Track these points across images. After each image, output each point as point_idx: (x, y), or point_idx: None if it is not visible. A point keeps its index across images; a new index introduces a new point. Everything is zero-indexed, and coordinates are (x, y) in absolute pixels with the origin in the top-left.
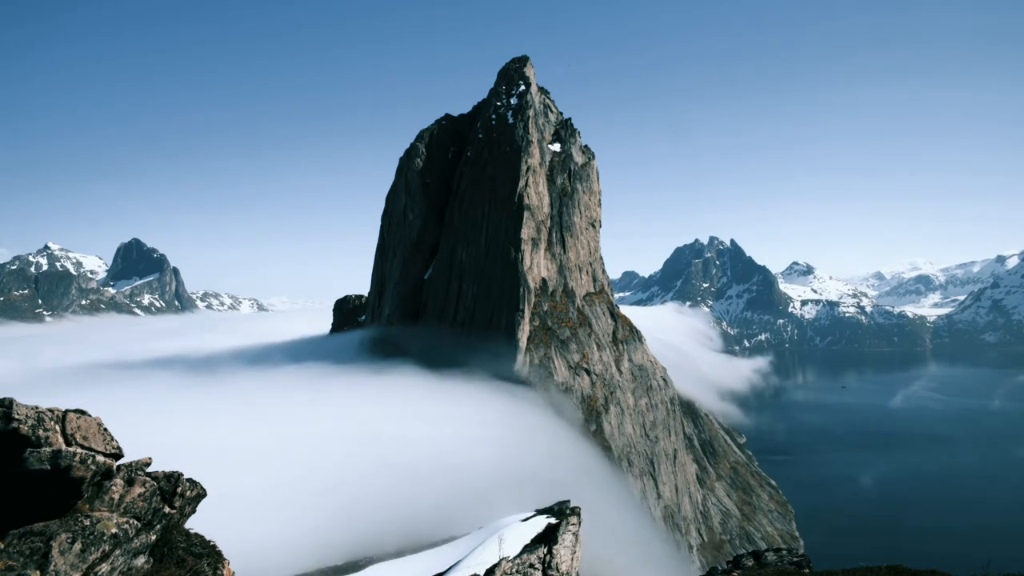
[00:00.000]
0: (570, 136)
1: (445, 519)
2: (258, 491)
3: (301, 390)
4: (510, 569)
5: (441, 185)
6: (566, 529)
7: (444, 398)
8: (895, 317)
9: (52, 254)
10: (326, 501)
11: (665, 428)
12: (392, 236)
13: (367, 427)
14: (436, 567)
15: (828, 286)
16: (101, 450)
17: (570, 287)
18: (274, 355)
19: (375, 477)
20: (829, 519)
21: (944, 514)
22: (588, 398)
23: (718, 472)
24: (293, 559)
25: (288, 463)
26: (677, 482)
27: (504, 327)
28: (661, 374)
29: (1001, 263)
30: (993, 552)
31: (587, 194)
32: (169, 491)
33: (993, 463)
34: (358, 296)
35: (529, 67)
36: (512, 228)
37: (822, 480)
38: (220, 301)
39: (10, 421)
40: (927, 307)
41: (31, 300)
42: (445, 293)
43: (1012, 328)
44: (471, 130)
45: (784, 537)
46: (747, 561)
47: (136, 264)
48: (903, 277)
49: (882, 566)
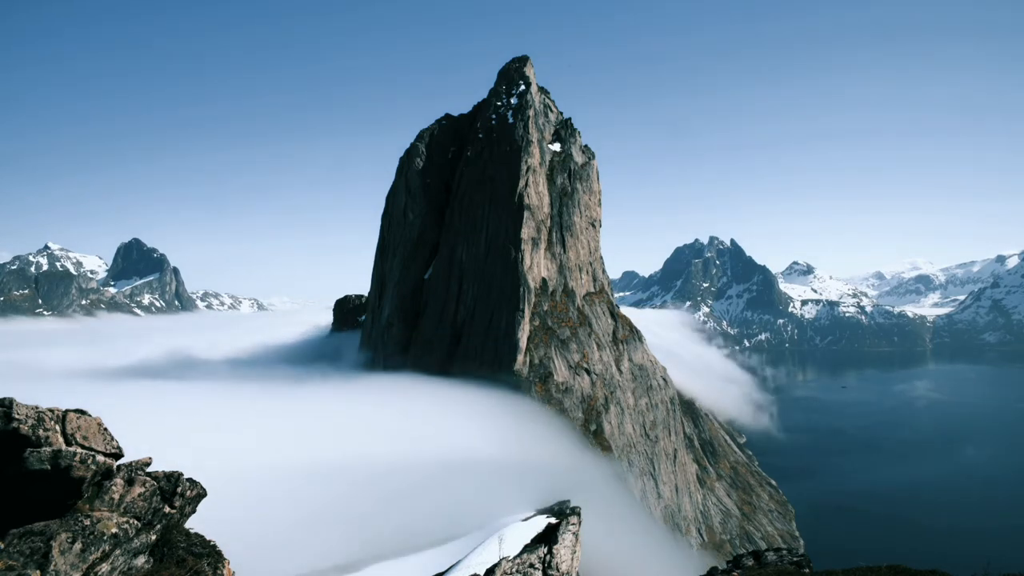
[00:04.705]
0: (570, 136)
1: (445, 519)
2: (258, 491)
3: (301, 390)
4: (510, 569)
5: (441, 185)
6: (566, 529)
7: (444, 398)
8: (895, 317)
9: (52, 254)
10: (326, 501)
11: (665, 428)
12: (392, 236)
13: (367, 427)
14: (436, 567)
15: (828, 286)
16: (101, 450)
17: (570, 287)
18: (274, 355)
19: (375, 477)
20: (829, 519)
21: (944, 514)
22: (588, 398)
23: (718, 472)
24: (293, 559)
25: (288, 463)
26: (677, 482)
27: (504, 327)
28: (661, 374)
29: (1001, 263)
30: (993, 552)
31: (587, 194)
32: (169, 491)
33: (993, 463)
34: (358, 296)
35: (529, 67)
36: (512, 228)
37: (822, 480)
38: (220, 301)
39: (10, 421)
40: (927, 307)
41: (31, 300)
42: (445, 293)
43: (1012, 328)
44: (471, 130)
45: (784, 537)
46: (747, 561)
47: (136, 264)
48: (903, 277)
49: (882, 566)
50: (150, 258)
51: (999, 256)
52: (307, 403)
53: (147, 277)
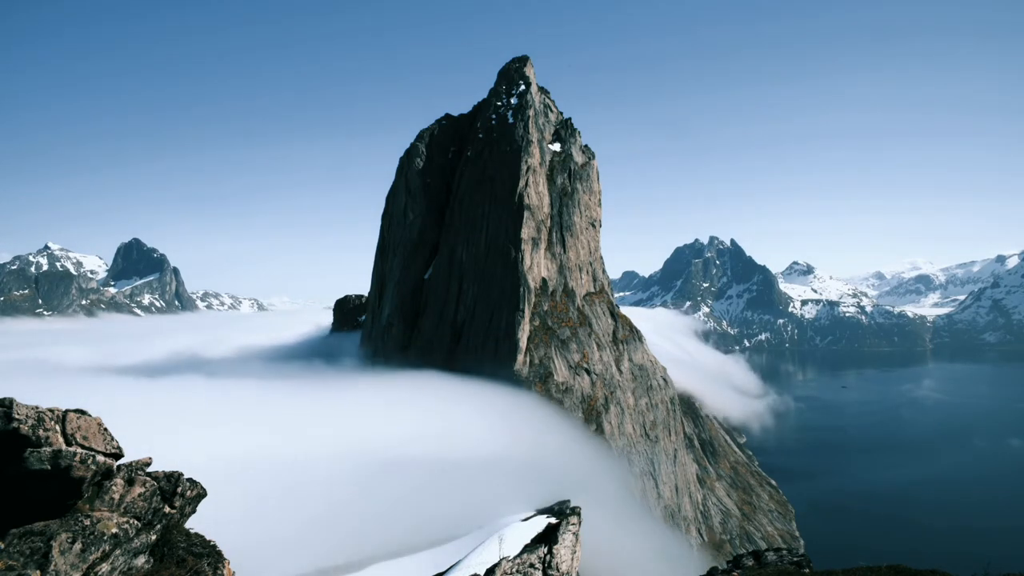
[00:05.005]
0: (570, 136)
1: (445, 519)
2: (258, 491)
3: (301, 390)
4: (510, 569)
5: (441, 185)
6: (566, 529)
7: (444, 398)
8: (895, 317)
9: (52, 254)
10: (326, 501)
11: (665, 428)
12: (392, 236)
13: (366, 427)
14: (436, 567)
15: (828, 286)
16: (101, 450)
17: (570, 287)
18: (274, 355)
19: (375, 477)
20: (829, 519)
21: (945, 514)
22: (588, 398)
23: (718, 472)
24: (293, 559)
25: (288, 463)
26: (677, 482)
27: (504, 327)
28: (661, 374)
29: (1001, 263)
30: (993, 552)
31: (587, 194)
32: (169, 491)
33: (993, 463)
34: (358, 296)
35: (529, 67)
36: (512, 228)
37: (822, 480)
38: (220, 301)
39: (10, 421)
40: (927, 307)
41: (31, 300)
42: (445, 293)
43: (1012, 328)
44: (471, 130)
45: (784, 537)
46: (747, 561)
47: (136, 264)
48: (903, 277)
49: (882, 565)
50: (150, 258)
51: (999, 256)
52: (306, 403)
53: (147, 277)
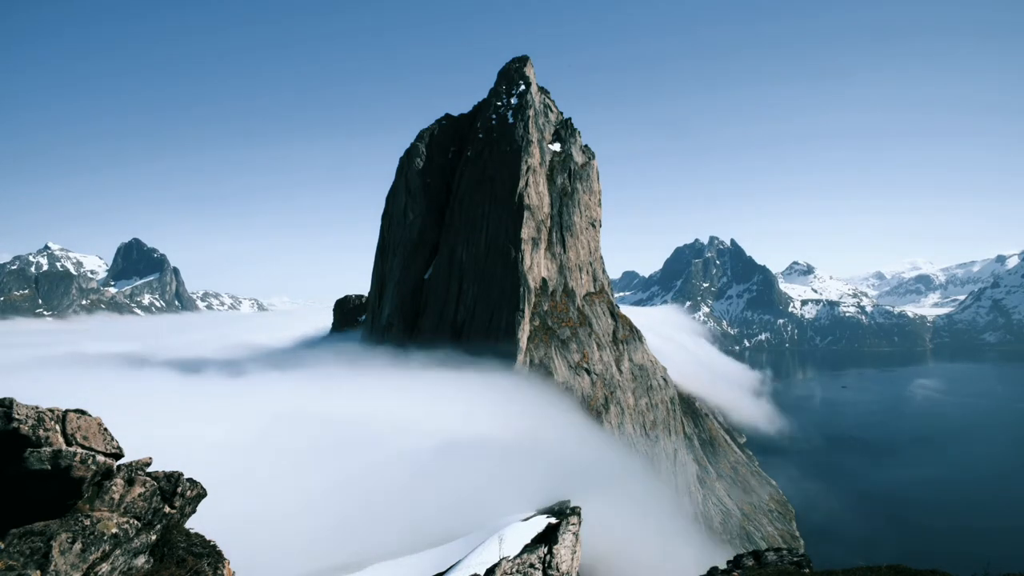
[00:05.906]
0: (570, 136)
1: (445, 519)
2: (258, 490)
3: (301, 390)
4: (510, 569)
5: (441, 185)
6: (566, 529)
7: (444, 398)
8: (895, 317)
9: (52, 254)
10: (326, 500)
11: (665, 428)
12: (392, 236)
13: (366, 427)
14: (436, 567)
15: (828, 286)
16: (101, 450)
17: (570, 287)
18: (274, 355)
19: (375, 477)
20: (829, 519)
21: (945, 514)
22: (588, 398)
23: (718, 472)
24: (293, 559)
25: (287, 462)
26: (677, 482)
27: (504, 327)
28: (661, 374)
29: (1001, 263)
30: (993, 552)
31: (587, 194)
32: (169, 491)
33: (994, 463)
34: (358, 296)
35: (529, 67)
36: (512, 228)
37: (822, 480)
38: (220, 301)
39: (10, 421)
40: (927, 307)
41: (31, 300)
42: (445, 293)
43: (1012, 328)
44: (471, 130)
45: (784, 537)
46: (747, 561)
47: (136, 264)
48: (903, 277)
49: (882, 566)
50: (150, 258)
51: (999, 256)
52: (305, 403)
53: (147, 277)
